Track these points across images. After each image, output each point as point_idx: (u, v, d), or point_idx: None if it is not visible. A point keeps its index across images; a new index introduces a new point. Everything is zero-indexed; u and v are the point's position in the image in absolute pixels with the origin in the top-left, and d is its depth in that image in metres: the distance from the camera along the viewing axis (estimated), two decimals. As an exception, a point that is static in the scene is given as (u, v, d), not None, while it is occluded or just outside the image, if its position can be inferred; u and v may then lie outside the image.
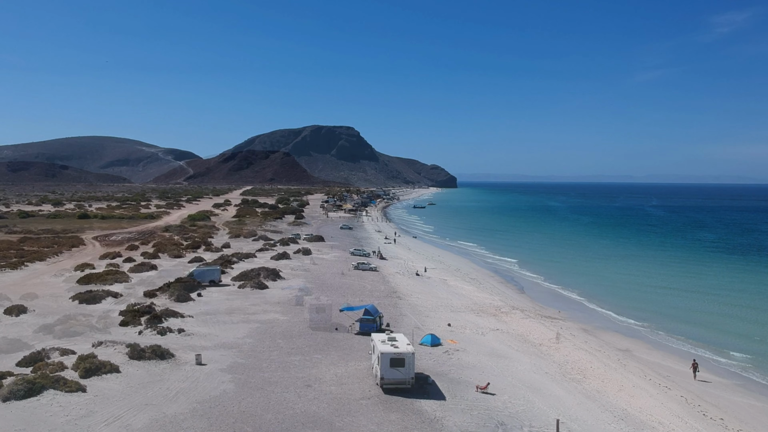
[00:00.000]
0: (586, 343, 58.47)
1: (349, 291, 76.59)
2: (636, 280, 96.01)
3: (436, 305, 70.71)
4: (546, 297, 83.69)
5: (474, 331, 58.90)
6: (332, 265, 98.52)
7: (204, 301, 68.29)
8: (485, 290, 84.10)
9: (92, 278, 79.10)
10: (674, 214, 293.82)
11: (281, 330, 55.85)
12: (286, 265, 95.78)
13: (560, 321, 67.47)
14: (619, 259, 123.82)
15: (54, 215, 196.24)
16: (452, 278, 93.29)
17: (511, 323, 64.00)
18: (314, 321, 55.65)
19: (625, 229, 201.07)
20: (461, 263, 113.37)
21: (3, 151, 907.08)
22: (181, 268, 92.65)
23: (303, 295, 69.40)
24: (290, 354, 48.44)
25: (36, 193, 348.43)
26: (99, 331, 55.20)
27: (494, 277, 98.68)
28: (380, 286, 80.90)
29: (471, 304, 73.26)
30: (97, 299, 66.51)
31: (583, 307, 77.13)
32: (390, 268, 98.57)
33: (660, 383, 47.52)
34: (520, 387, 43.02)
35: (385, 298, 72.58)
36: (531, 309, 73.09)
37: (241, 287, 76.20)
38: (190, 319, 59.01)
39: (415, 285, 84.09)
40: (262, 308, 64.94)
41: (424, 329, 58.03)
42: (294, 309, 64.87)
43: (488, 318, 65.81)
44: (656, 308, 76.57)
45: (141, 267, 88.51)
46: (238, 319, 60.03)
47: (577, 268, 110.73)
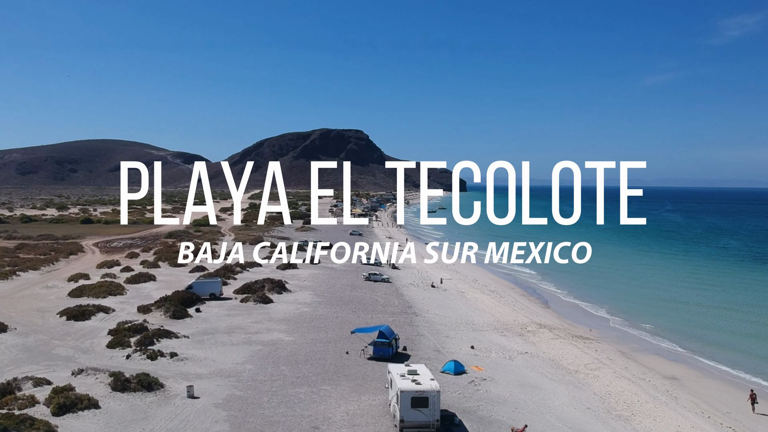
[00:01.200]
0: (627, 369, 52.20)
1: (361, 305, 70.70)
2: (667, 296, 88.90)
3: (455, 322, 64.65)
4: (573, 313, 77.34)
5: (501, 355, 52.82)
6: (342, 276, 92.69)
7: (202, 317, 62.60)
8: (507, 304, 77.91)
9: (84, 291, 73.71)
10: (692, 220, 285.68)
11: (286, 353, 50.01)
12: (293, 276, 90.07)
13: (593, 342, 61.19)
14: (644, 269, 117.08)
15: (57, 220, 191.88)
16: (470, 290, 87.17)
17: (541, 344, 57.84)
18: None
19: (645, 236, 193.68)
20: (478, 273, 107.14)
21: (12, 154, 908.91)
22: (183, 277, 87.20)
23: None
24: (295, 384, 42.58)
25: (42, 197, 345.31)
26: (84, 354, 49.67)
27: (515, 289, 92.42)
28: (394, 300, 74.94)
29: (494, 321, 67.14)
30: (86, 315, 61.00)
31: (615, 325, 70.68)
32: (403, 279, 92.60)
33: (721, 422, 41.20)
34: (562, 428, 36.92)
35: (400, 315, 66.59)
36: (559, 327, 66.85)
37: (244, 301, 70.53)
38: (185, 340, 53.29)
39: (432, 298, 78.09)
40: (266, 326, 59.15)
41: (444, 353, 52.05)
42: (300, 327, 59.04)
43: (514, 338, 59.67)
44: (694, 327, 69.97)
45: (138, 278, 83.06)
46: (238, 339, 54.26)
47: (599, 279, 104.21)
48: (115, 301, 69.49)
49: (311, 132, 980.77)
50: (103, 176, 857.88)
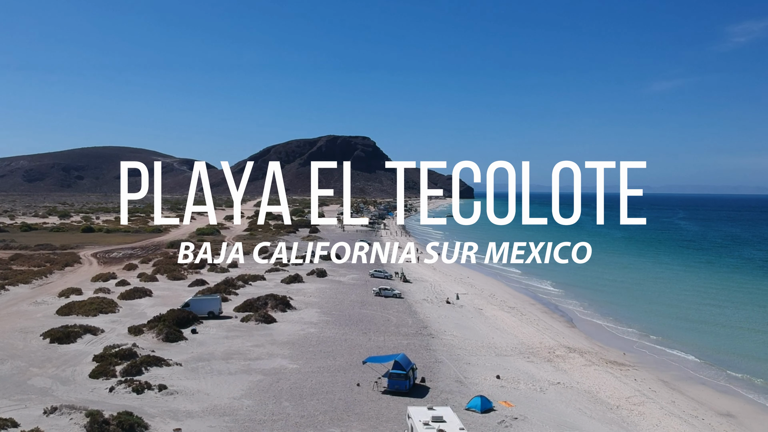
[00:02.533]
0: (674, 403, 46.22)
1: (372, 325, 65.01)
2: (700, 315, 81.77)
3: (476, 346, 58.83)
4: (601, 333, 71.27)
5: (530, 386, 46.97)
6: (350, 291, 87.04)
7: (198, 340, 57.07)
8: (529, 323, 71.99)
9: (74, 308, 68.41)
10: (708, 229, 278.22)
11: (289, 385, 44.37)
12: (298, 290, 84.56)
13: (630, 369, 55.22)
14: (668, 283, 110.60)
15: (58, 228, 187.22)
16: (488, 306, 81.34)
17: (573, 373, 51.94)
18: None
19: (663, 245, 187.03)
20: (494, 287, 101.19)
21: (19, 161, 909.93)
22: (181, 292, 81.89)
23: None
24: (299, 425, 36.93)
25: (46, 204, 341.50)
26: (63, 385, 44.21)
27: (535, 305, 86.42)
28: (407, 319, 69.18)
29: (518, 343, 61.25)
30: (71, 338, 55.60)
31: (650, 348, 64.53)
32: (416, 294, 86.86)
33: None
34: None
35: (415, 337, 60.85)
36: (590, 350, 60.89)
37: (245, 320, 64.97)
38: (177, 369, 47.73)
39: (448, 317, 72.28)
40: (268, 351, 53.56)
41: (467, 384, 46.29)
42: (306, 352, 53.41)
43: (543, 365, 53.78)
44: (738, 353, 63.31)
45: (133, 293, 77.71)
46: (236, 367, 48.67)
47: (622, 295, 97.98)
48: (106, 320, 64.15)
49: (318, 139, 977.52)
50: (109, 183, 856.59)
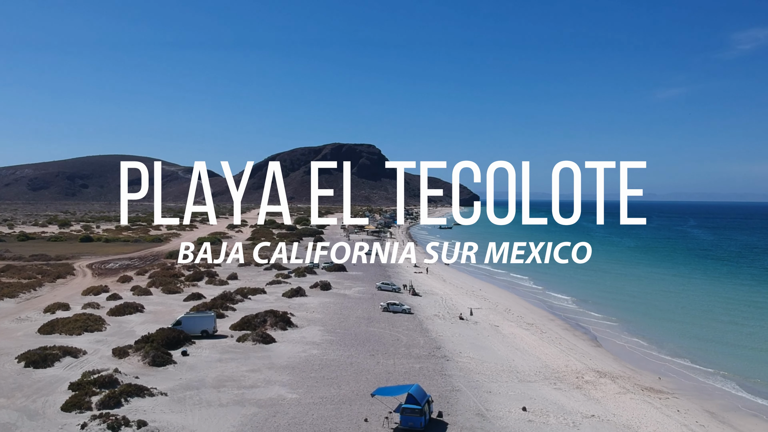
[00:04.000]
0: (728, 441, 40.47)
1: (380, 345, 59.43)
2: (735, 333, 75.16)
3: (496, 370, 53.16)
4: (630, 353, 65.38)
5: (561, 420, 41.26)
6: (356, 305, 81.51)
7: (189, 363, 51.63)
8: (551, 342, 66.24)
9: (57, 326, 63.23)
10: (722, 237, 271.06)
11: (287, 421, 38.83)
12: (301, 305, 79.14)
13: (669, 397, 49.42)
14: (692, 296, 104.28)
15: (56, 238, 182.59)
16: (504, 322, 75.66)
17: (607, 402, 46.17)
18: None
19: (679, 255, 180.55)
20: (509, 300, 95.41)
21: (24, 170, 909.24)
22: (175, 307, 76.68)
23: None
24: (298, 474, 31.41)
25: (47, 213, 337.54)
26: (30, 419, 38.86)
27: (554, 321, 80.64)
28: (418, 338, 63.54)
29: (541, 366, 55.53)
30: (48, 361, 50.34)
31: (685, 372, 58.65)
32: (426, 309, 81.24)
33: None
34: None
35: (428, 359, 55.23)
36: (621, 374, 55.10)
37: (241, 340, 59.54)
38: (162, 399, 42.28)
39: (462, 335, 66.63)
40: (264, 377, 48.06)
41: (490, 418, 40.64)
42: (307, 378, 47.89)
43: (572, 392, 48.06)
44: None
45: (123, 309, 72.48)
46: (228, 397, 43.17)
47: (645, 308, 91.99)
48: (90, 340, 58.87)
49: (323, 146, 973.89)
50: (114, 191, 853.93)
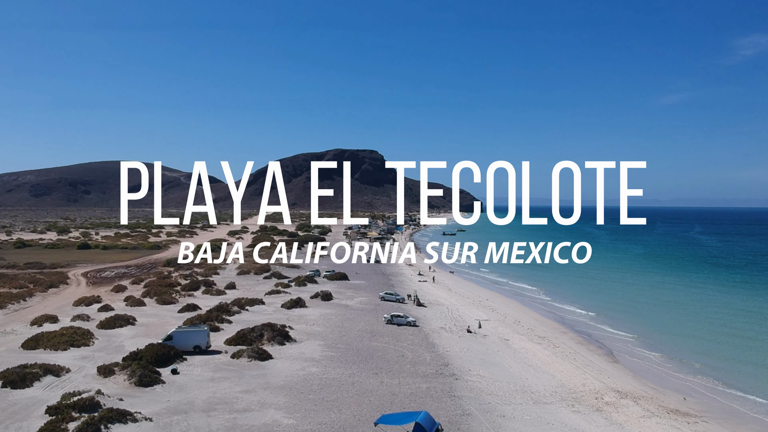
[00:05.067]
0: (769, 474, 36.67)
1: (383, 362, 55.75)
2: (761, 350, 72.18)
3: (509, 390, 49.43)
4: (651, 370, 61.46)
5: (584, 450, 37.52)
6: (358, 317, 77.86)
7: (178, 383, 48.00)
8: (565, 358, 62.45)
9: (42, 340, 59.70)
10: (730, 244, 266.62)
11: (282, 451, 35.19)
12: (300, 317, 75.53)
13: (698, 421, 45.61)
14: (708, 307, 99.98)
15: (53, 245, 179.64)
16: (515, 336, 71.91)
17: (631, 427, 42.37)
18: None
19: (689, 262, 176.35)
20: (518, 311, 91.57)
21: (26, 176, 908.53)
22: (168, 319, 73.20)
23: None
24: None
25: (47, 220, 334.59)
26: (0, 449, 35.42)
27: (567, 334, 76.81)
28: (425, 354, 59.83)
29: (557, 385, 51.78)
30: (27, 381, 46.79)
31: (712, 393, 54.72)
32: (432, 321, 77.53)
33: None
34: None
35: (435, 378, 51.51)
36: (643, 395, 51.30)
37: (236, 356, 55.91)
38: (147, 425, 38.69)
39: (471, 349, 62.90)
40: (259, 399, 44.40)
41: (506, 448, 36.93)
42: (305, 401, 44.21)
43: (592, 416, 44.29)
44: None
45: (114, 321, 68.95)
46: (219, 423, 39.53)
47: (662, 320, 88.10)
48: (76, 356, 55.37)
49: (325, 152, 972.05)
50: (116, 197, 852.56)
